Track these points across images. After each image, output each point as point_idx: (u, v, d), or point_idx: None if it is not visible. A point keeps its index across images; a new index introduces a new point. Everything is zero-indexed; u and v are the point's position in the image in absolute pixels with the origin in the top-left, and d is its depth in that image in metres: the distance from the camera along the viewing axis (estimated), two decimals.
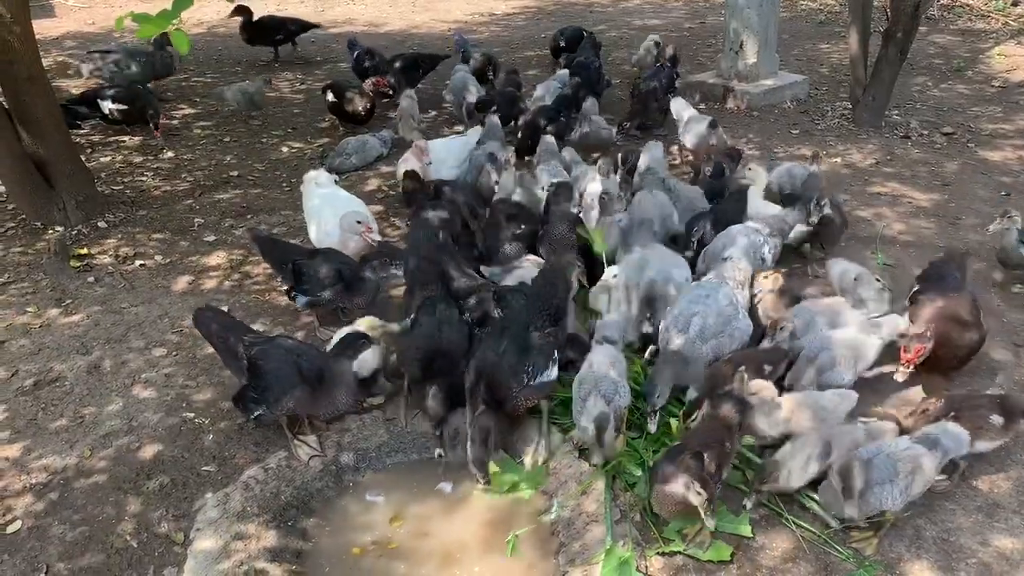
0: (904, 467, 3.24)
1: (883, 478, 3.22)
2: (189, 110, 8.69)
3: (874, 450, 3.34)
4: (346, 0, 14.19)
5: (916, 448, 3.32)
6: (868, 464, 3.25)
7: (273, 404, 3.70)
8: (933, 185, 6.48)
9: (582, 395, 3.64)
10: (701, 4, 13.12)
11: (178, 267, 5.54)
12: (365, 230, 4.91)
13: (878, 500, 3.21)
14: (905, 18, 7.16)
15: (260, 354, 3.74)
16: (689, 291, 4.19)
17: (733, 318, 4.10)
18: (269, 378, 3.70)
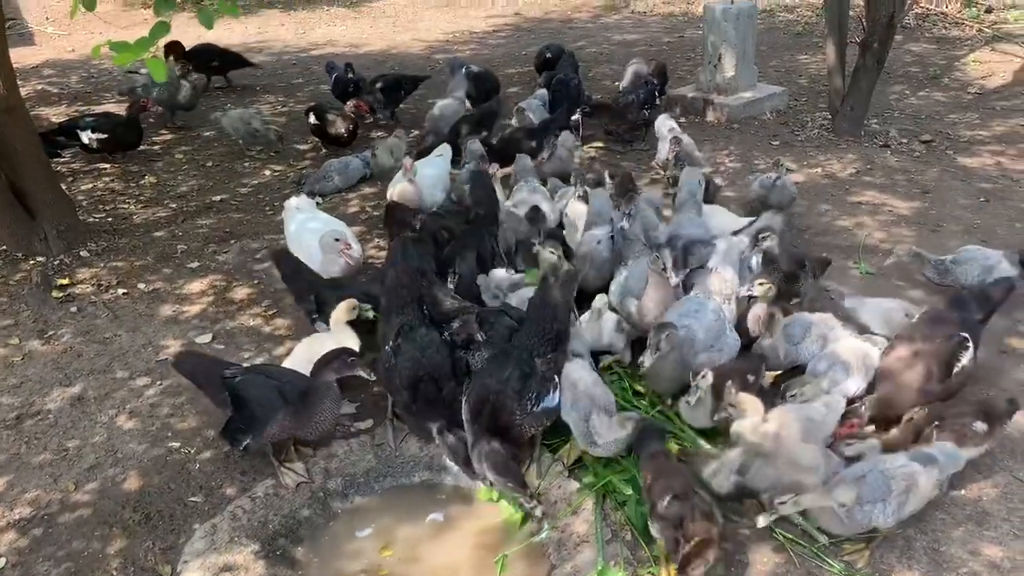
0: (898, 485, 3.23)
1: (875, 496, 3.19)
2: (170, 136, 8.66)
3: (868, 466, 3.32)
4: (326, 22, 14.22)
5: (912, 465, 3.29)
6: (860, 481, 3.23)
7: (259, 432, 3.66)
8: (913, 193, 6.53)
9: (583, 416, 3.64)
10: (679, 18, 13.21)
11: (161, 295, 5.51)
12: (344, 248, 4.90)
13: (867, 517, 3.20)
14: (881, 28, 7.22)
15: (241, 384, 3.71)
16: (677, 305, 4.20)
17: (722, 332, 4.11)
18: (253, 406, 3.67)
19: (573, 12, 14.01)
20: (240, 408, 3.69)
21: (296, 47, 12.49)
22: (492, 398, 3.59)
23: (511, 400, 3.58)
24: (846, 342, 4.11)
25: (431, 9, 14.82)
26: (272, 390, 3.68)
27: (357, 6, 15.33)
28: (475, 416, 3.62)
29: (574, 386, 3.75)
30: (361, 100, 8.13)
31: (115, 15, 14.62)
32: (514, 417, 3.58)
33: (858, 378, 3.95)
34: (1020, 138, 7.57)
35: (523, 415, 3.60)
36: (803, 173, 6.95)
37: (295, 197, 5.66)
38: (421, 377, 3.77)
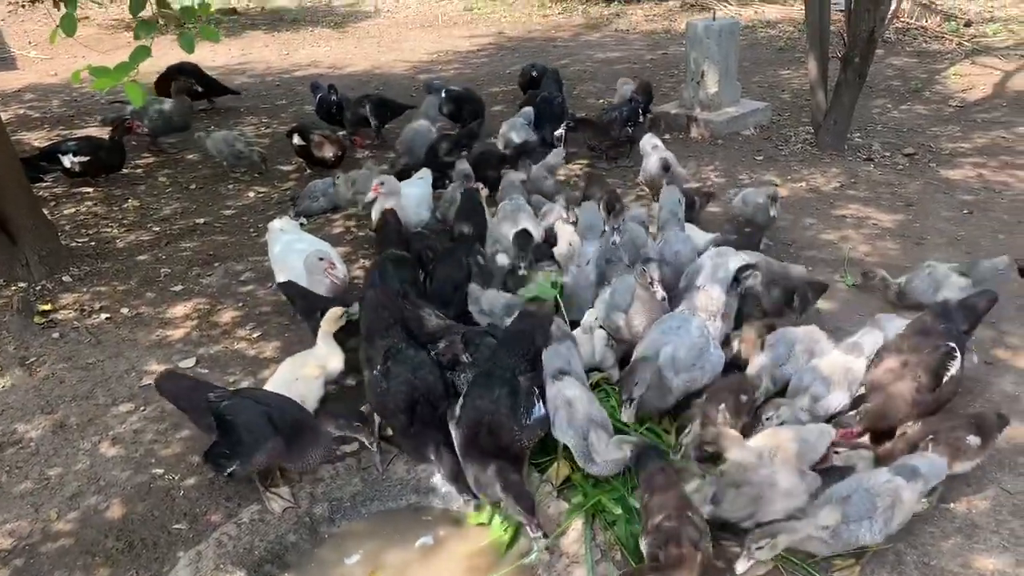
0: (883, 501, 3.22)
1: (861, 514, 3.18)
2: (152, 159, 8.63)
3: (853, 485, 3.30)
4: (310, 43, 14.24)
5: (896, 480, 3.29)
6: (845, 501, 3.22)
7: (247, 459, 3.59)
8: (896, 206, 6.56)
9: (581, 435, 3.62)
10: (661, 35, 13.30)
11: (145, 319, 5.46)
12: (328, 267, 4.88)
13: (854, 536, 3.18)
14: (862, 43, 7.28)
15: (228, 409, 3.66)
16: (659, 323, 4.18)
17: (705, 350, 4.08)
18: (240, 432, 3.61)
19: (555, 31, 14.09)
20: (226, 433, 3.64)
21: (280, 68, 12.50)
22: (488, 419, 3.57)
23: (507, 418, 3.57)
24: (829, 357, 4.10)
25: (415, 29, 14.88)
26: (261, 416, 3.62)
27: (341, 27, 15.38)
28: (471, 440, 3.58)
29: (570, 404, 3.72)
30: (360, 134, 8.18)
31: (97, 39, 14.63)
32: (514, 434, 3.58)
33: (840, 393, 3.94)
34: (1001, 150, 7.64)
35: (520, 430, 3.60)
36: (787, 187, 6.98)
37: (279, 219, 5.64)
38: (417, 399, 3.74)
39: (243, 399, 3.74)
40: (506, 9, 16.17)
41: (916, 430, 3.67)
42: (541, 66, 9.44)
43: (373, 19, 16.04)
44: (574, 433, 3.64)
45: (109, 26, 15.79)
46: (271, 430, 3.58)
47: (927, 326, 4.05)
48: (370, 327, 4.06)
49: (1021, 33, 11.67)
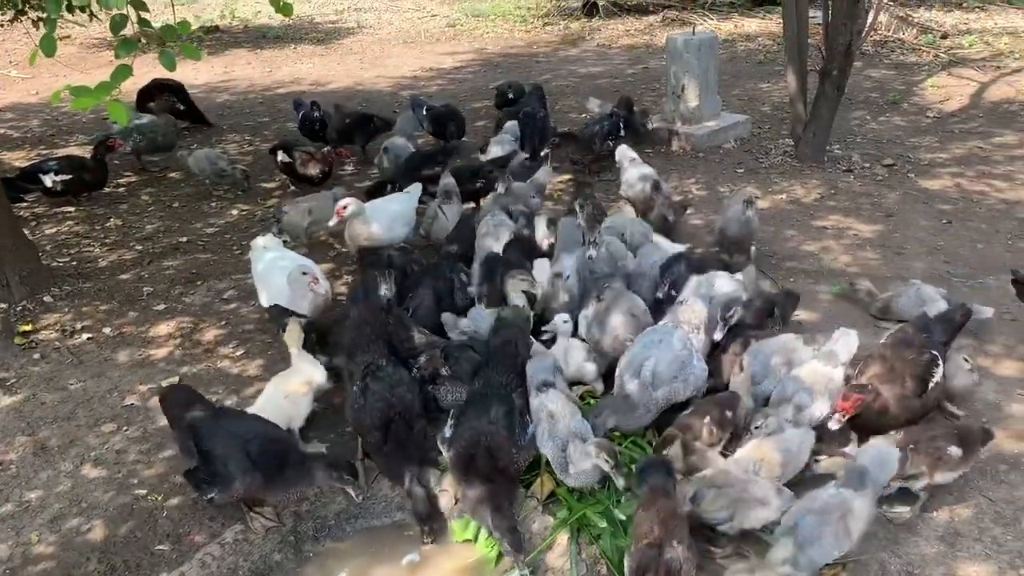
0: (831, 517, 3.18)
1: (812, 537, 3.15)
2: (135, 177, 8.60)
3: (798, 513, 3.26)
4: (293, 60, 14.25)
5: (842, 493, 3.26)
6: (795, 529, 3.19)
7: (224, 488, 3.53)
8: (876, 216, 6.62)
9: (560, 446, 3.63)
10: (642, 50, 13.39)
11: (127, 338, 5.43)
12: (312, 281, 4.86)
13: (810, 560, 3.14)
14: (839, 56, 7.36)
15: (206, 435, 3.60)
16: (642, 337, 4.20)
17: (687, 363, 4.10)
18: (216, 462, 3.54)
19: (537, 46, 14.16)
20: (205, 460, 3.59)
21: (262, 85, 12.50)
22: (486, 441, 3.57)
23: (505, 440, 3.59)
24: (809, 366, 4.13)
25: (398, 46, 14.92)
26: (238, 448, 3.54)
27: (324, 44, 15.39)
28: (467, 462, 3.58)
29: (552, 416, 3.74)
30: (345, 148, 8.21)
31: (79, 58, 14.60)
32: (512, 455, 3.60)
33: (823, 402, 3.96)
34: (978, 160, 7.73)
35: (518, 451, 3.63)
36: (768, 199, 7.04)
37: (262, 236, 5.63)
38: (392, 417, 3.74)
39: (222, 427, 3.66)
40: (488, 25, 16.25)
41: (899, 438, 3.69)
42: (518, 85, 9.47)
43: (355, 36, 16.07)
44: (553, 444, 3.65)
45: (91, 45, 15.74)
46: (248, 464, 3.52)
47: (909, 337, 4.09)
48: (352, 343, 4.06)
49: (996, 45, 11.82)
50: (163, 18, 5.17)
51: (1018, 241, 6.08)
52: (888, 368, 3.91)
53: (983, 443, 3.69)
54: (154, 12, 7.62)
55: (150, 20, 4.13)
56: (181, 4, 19.41)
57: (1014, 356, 4.67)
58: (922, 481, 3.58)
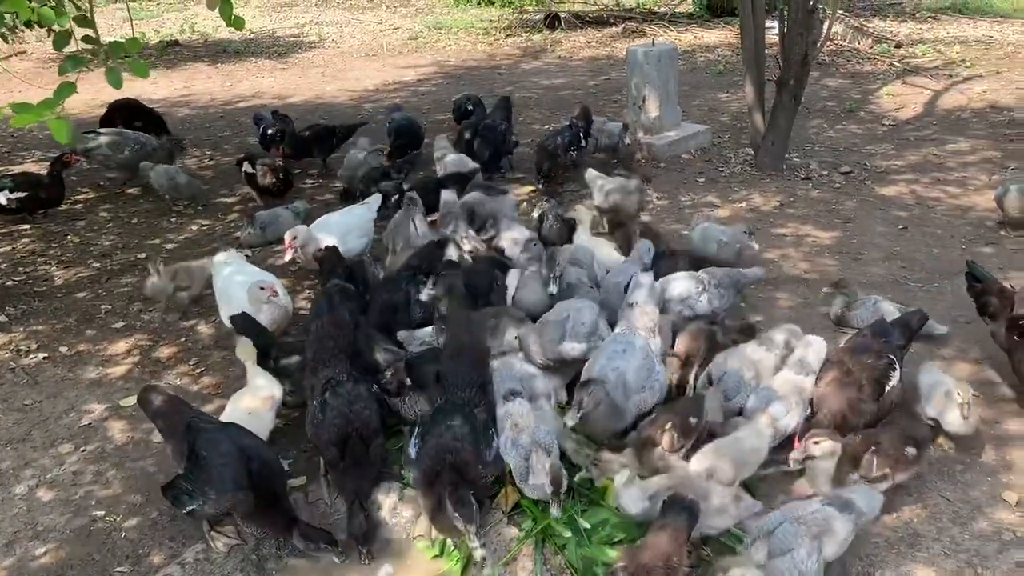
0: (809, 531, 3.20)
1: (785, 546, 3.17)
2: (92, 193, 8.47)
3: (780, 517, 3.29)
4: (254, 74, 14.16)
5: (826, 510, 3.28)
6: (771, 535, 3.22)
7: (210, 501, 3.44)
8: (834, 223, 6.72)
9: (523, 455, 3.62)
10: (603, 61, 13.50)
11: (84, 357, 5.33)
12: (271, 294, 4.81)
13: (780, 572, 3.15)
14: (796, 66, 7.47)
15: (206, 443, 3.52)
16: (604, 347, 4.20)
17: (652, 370, 4.12)
18: (212, 472, 3.44)
19: (500, 58, 14.21)
20: (196, 467, 3.49)
21: (223, 100, 12.40)
22: (451, 457, 3.53)
23: (471, 455, 3.56)
24: (782, 375, 4.17)
25: (360, 59, 14.89)
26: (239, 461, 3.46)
27: (285, 57, 15.32)
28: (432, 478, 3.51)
29: (516, 426, 3.73)
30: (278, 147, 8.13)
31: (35, 73, 14.37)
32: (479, 470, 3.58)
33: (797, 412, 3.99)
34: (933, 166, 7.88)
35: (485, 466, 3.62)
36: (728, 208, 7.11)
37: (222, 252, 5.57)
38: (349, 433, 3.71)
39: (227, 437, 3.58)
40: (450, 38, 16.29)
41: (858, 442, 3.73)
42: (476, 98, 9.46)
43: (317, 49, 16.01)
44: (516, 453, 3.65)
45: (47, 60, 15.52)
46: (245, 481, 3.44)
47: (866, 341, 4.15)
48: (315, 357, 4.03)
49: (948, 54, 12.09)
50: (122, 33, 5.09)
51: (972, 246, 6.20)
52: (845, 372, 3.97)
53: (933, 440, 3.74)
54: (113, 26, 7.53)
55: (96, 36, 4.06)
56: (140, 19, 19.23)
57: (968, 359, 4.75)
58: (886, 483, 3.62)
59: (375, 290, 5.04)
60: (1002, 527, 3.57)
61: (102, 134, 8.28)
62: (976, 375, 4.61)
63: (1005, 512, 3.66)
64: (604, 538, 3.57)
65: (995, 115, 9.27)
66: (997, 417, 4.26)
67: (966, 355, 4.79)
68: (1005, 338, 4.30)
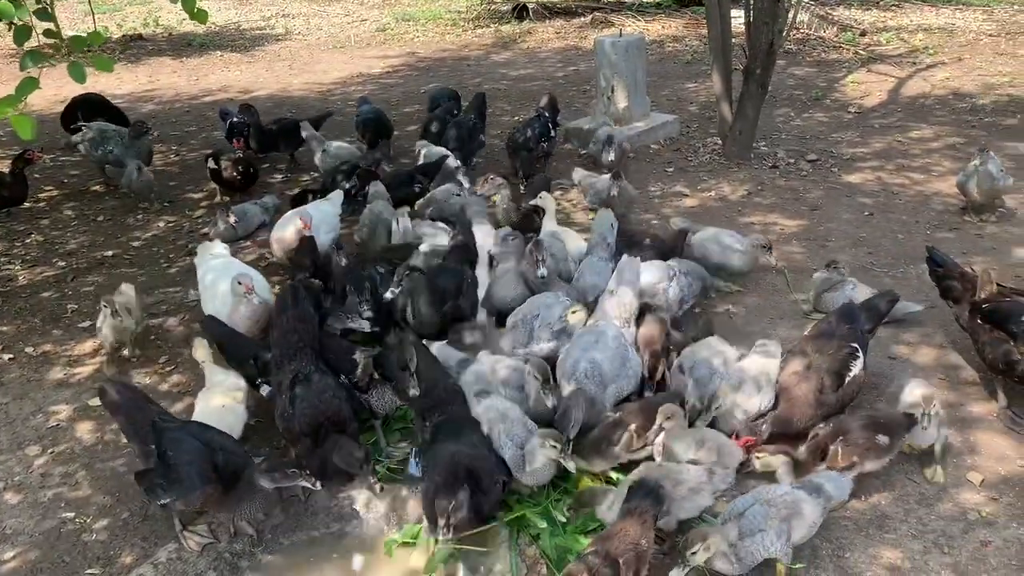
0: (778, 513, 3.24)
1: (754, 528, 3.21)
2: (56, 191, 8.34)
3: (750, 500, 3.34)
4: (220, 67, 14.01)
5: (796, 493, 3.32)
6: (741, 517, 3.26)
7: (181, 495, 3.46)
8: (802, 211, 6.78)
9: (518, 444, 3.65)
10: (572, 52, 13.50)
11: (51, 358, 5.26)
12: (246, 290, 4.73)
13: (749, 552, 3.19)
14: (762, 55, 7.52)
15: (171, 442, 3.53)
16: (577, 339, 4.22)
17: (626, 357, 4.14)
18: (180, 471, 3.47)
19: (468, 50, 14.17)
20: (164, 466, 3.50)
21: (189, 94, 12.26)
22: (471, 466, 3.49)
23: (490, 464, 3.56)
24: (750, 359, 4.21)
25: (327, 51, 14.78)
26: (205, 457, 3.49)
27: (251, 50, 15.17)
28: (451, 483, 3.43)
29: (504, 416, 3.75)
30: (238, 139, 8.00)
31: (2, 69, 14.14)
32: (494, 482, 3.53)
33: (768, 392, 4.05)
34: (898, 153, 7.98)
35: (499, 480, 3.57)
36: (696, 197, 7.16)
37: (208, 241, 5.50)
38: (322, 423, 3.70)
39: (191, 434, 3.60)
40: (419, 29, 16.21)
41: (826, 431, 3.78)
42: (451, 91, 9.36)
43: (284, 42, 15.87)
44: (512, 444, 3.66)
45: (6, 55, 15.25)
46: (212, 474, 3.47)
47: (831, 327, 4.20)
48: (281, 352, 4.01)
49: (912, 41, 12.23)
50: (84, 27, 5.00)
51: (936, 231, 6.29)
52: (805, 365, 4.02)
53: (908, 429, 3.79)
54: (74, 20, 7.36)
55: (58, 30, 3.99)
56: (102, 12, 18.93)
57: (932, 344, 4.82)
58: (854, 471, 3.67)
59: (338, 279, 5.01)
60: (967, 508, 3.64)
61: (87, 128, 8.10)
62: (940, 359, 4.68)
63: (970, 493, 3.72)
64: (578, 527, 3.59)
65: (957, 102, 9.40)
66: (961, 400, 4.34)
67: (930, 340, 4.86)
68: (968, 321, 4.37)
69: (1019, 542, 3.45)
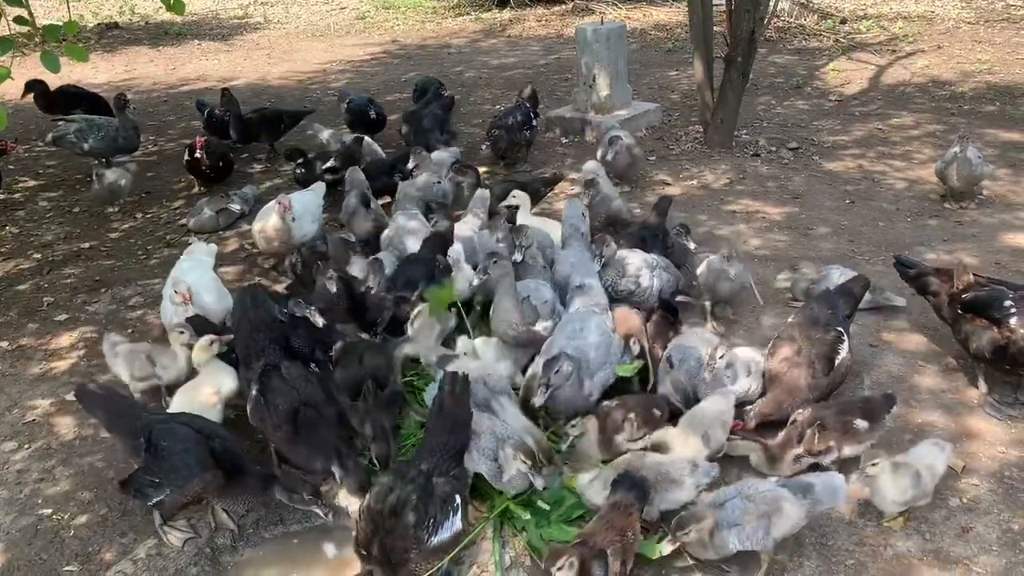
0: (757, 508, 3.23)
1: (732, 520, 3.21)
2: (32, 182, 8.22)
3: (732, 492, 3.35)
4: (198, 56, 13.85)
5: (778, 491, 3.30)
6: (720, 507, 3.26)
7: (178, 487, 3.41)
8: (784, 199, 6.79)
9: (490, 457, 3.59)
10: (554, 40, 13.44)
11: (27, 352, 5.19)
12: (182, 300, 4.57)
13: (724, 543, 3.20)
14: (743, 43, 7.51)
15: (162, 434, 3.49)
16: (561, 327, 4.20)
17: (611, 344, 4.13)
18: (175, 460, 3.43)
19: (450, 37, 14.08)
20: (157, 460, 3.46)
21: (166, 83, 12.12)
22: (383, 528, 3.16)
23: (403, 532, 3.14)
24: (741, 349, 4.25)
25: (306, 40, 14.64)
26: (199, 444, 3.47)
27: (229, 39, 15.00)
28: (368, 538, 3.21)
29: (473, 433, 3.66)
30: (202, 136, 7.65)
31: None
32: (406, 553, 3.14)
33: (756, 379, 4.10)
34: (878, 141, 8.00)
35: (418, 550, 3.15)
36: (679, 186, 7.15)
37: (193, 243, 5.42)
38: (297, 409, 3.65)
39: (181, 424, 3.57)
40: (399, 17, 16.09)
41: (805, 416, 3.78)
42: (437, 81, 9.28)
43: (262, 31, 15.71)
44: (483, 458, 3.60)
45: None
46: (210, 461, 3.45)
47: (815, 314, 4.21)
48: (246, 353, 3.97)
49: (892, 29, 12.26)
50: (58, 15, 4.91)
51: (918, 218, 6.31)
52: (795, 351, 4.04)
53: (887, 410, 3.80)
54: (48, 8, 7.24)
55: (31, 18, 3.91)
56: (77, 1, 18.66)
57: (917, 330, 4.84)
58: (831, 455, 3.68)
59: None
60: (948, 494, 3.65)
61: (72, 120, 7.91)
62: (922, 347, 4.70)
63: (951, 479, 3.73)
64: (563, 515, 3.57)
65: (937, 89, 9.44)
66: (943, 387, 4.36)
67: (915, 326, 4.87)
68: (948, 313, 4.39)
69: (999, 528, 3.47)
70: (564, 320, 4.25)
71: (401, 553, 3.11)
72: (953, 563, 3.32)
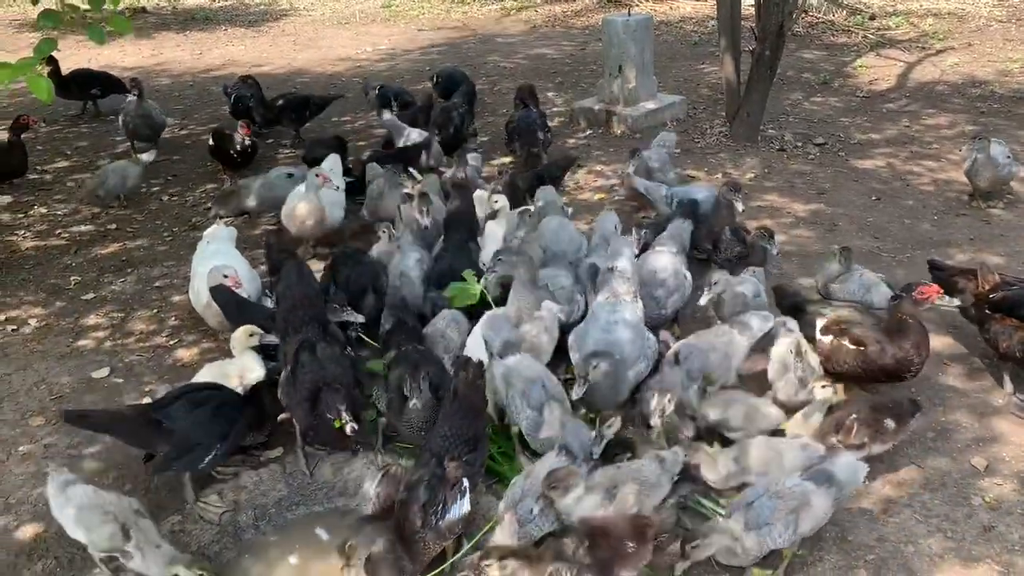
0: (786, 505, 3.22)
1: (761, 521, 3.20)
2: (63, 163, 8.31)
3: (759, 491, 3.32)
4: (224, 42, 13.91)
5: (805, 485, 3.29)
6: (748, 508, 3.25)
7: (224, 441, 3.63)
8: (810, 195, 6.75)
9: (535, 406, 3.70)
10: (580, 31, 13.40)
11: (55, 329, 5.26)
12: (232, 284, 4.58)
13: (755, 544, 3.19)
14: (772, 37, 7.46)
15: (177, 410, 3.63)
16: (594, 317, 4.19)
17: (644, 338, 4.11)
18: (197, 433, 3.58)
19: (473, 26, 14.06)
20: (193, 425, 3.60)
21: (194, 69, 12.19)
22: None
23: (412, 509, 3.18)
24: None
25: (332, 27, 14.68)
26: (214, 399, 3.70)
27: (256, 25, 15.06)
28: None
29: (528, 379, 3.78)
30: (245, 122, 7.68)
31: (4, 39, 14.04)
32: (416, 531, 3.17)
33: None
34: (908, 139, 7.92)
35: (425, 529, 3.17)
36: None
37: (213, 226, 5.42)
38: (321, 388, 3.65)
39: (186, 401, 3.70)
40: (424, 6, 16.08)
41: (842, 412, 3.78)
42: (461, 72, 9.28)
43: (288, 17, 15.76)
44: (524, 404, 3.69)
45: (11, 23, 15.16)
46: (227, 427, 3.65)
47: None
48: (284, 327, 3.99)
49: (921, 26, 12.13)
50: None
51: (944, 216, 6.26)
52: None
53: (912, 415, 3.79)
54: None
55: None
56: None
57: (941, 331, 4.80)
58: (863, 452, 3.67)
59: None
60: (971, 493, 3.64)
61: None
62: (947, 346, 4.67)
63: (974, 478, 3.72)
64: None
65: (969, 88, 9.34)
66: (968, 387, 4.33)
67: (939, 327, 4.83)
68: (976, 314, 4.37)
69: (1022, 527, 3.44)
70: (596, 308, 4.23)
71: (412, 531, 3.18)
72: (975, 561, 3.31)
